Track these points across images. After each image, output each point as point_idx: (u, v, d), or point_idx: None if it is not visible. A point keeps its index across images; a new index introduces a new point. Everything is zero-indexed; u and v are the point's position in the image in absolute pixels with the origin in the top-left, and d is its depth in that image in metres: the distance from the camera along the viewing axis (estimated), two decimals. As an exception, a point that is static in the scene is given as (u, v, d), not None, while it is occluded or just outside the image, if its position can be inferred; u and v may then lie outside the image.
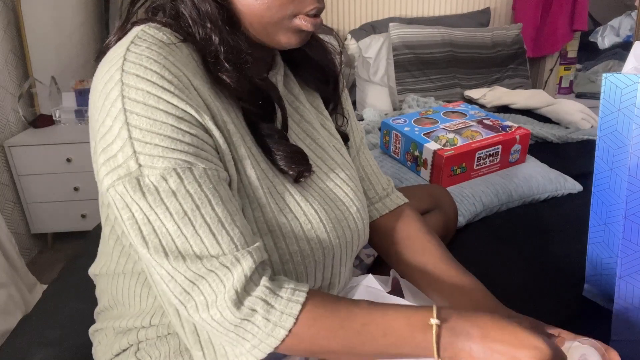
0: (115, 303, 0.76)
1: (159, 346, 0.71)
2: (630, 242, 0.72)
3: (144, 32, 0.59)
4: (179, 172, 0.55)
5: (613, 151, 0.73)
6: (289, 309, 0.58)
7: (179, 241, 0.56)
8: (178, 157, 0.55)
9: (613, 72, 0.71)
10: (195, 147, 0.57)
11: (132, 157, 0.55)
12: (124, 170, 0.55)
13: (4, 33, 2.16)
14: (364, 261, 1.02)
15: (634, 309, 0.76)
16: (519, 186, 1.46)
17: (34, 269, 1.96)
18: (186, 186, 0.55)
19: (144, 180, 0.55)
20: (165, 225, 0.55)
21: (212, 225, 0.56)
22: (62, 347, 0.96)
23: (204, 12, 0.61)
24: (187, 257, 0.56)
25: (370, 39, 2.62)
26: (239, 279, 0.56)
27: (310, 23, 0.65)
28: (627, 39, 2.90)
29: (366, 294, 0.76)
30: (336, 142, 0.82)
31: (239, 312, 0.57)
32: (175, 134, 0.55)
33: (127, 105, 0.54)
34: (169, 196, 0.55)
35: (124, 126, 0.54)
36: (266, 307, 0.57)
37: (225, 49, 0.61)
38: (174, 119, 0.55)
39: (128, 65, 0.55)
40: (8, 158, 2.14)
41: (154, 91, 0.55)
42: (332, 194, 0.73)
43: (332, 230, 0.69)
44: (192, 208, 0.56)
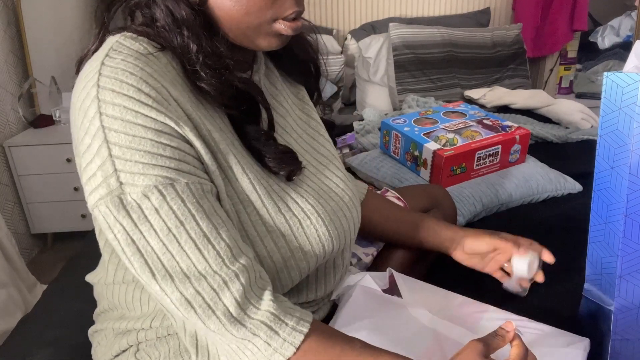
0: (114, 306, 0.76)
1: (159, 347, 0.71)
2: (631, 240, 0.72)
3: (119, 43, 0.58)
4: (160, 189, 0.54)
5: (614, 150, 0.73)
6: (291, 338, 0.58)
7: (165, 258, 0.55)
8: (159, 173, 0.54)
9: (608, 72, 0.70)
10: (177, 160, 0.56)
11: (112, 175, 0.54)
12: (105, 189, 0.54)
13: (4, 33, 2.16)
14: (362, 260, 1.02)
15: (635, 308, 0.75)
16: (519, 186, 1.46)
17: (34, 269, 1.95)
18: (169, 202, 0.54)
19: (127, 198, 0.54)
20: (149, 243, 0.55)
21: (197, 241, 0.55)
22: (62, 347, 0.96)
23: (180, 19, 0.60)
24: (174, 275, 0.55)
25: (370, 39, 2.62)
26: (231, 303, 0.56)
27: (291, 27, 0.64)
28: (627, 39, 2.90)
29: (363, 296, 0.76)
30: (323, 131, 0.82)
31: (239, 333, 0.57)
32: (156, 148, 0.54)
33: (105, 122, 0.53)
34: (152, 214, 0.54)
35: (103, 144, 0.53)
36: (270, 333, 0.57)
37: (203, 56, 0.59)
38: (153, 132, 0.54)
39: (103, 80, 0.54)
40: (8, 158, 2.14)
41: (131, 106, 0.54)
42: (325, 186, 0.74)
43: (330, 223, 0.69)
44: (176, 225, 0.55)
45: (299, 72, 0.82)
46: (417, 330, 0.73)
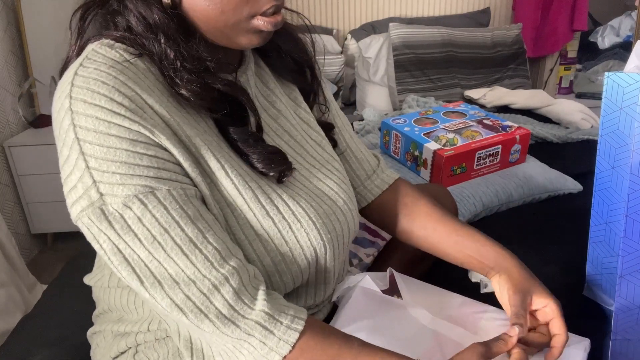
0: (112, 308, 0.76)
1: (157, 349, 0.70)
2: (632, 240, 0.72)
3: (94, 52, 0.57)
4: (141, 198, 0.54)
5: (615, 150, 0.73)
6: (287, 336, 0.58)
7: (152, 266, 0.54)
8: (138, 182, 0.54)
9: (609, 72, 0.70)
10: (156, 168, 0.55)
11: (92, 187, 0.53)
12: (86, 201, 0.54)
13: (4, 33, 2.16)
14: (363, 260, 1.02)
15: (635, 307, 0.75)
16: (519, 186, 1.46)
17: (34, 269, 1.95)
18: (151, 211, 0.54)
19: (108, 209, 0.53)
20: (135, 252, 0.54)
21: (183, 247, 0.55)
22: (62, 347, 0.96)
23: (154, 24, 0.58)
24: (163, 282, 0.55)
25: (370, 39, 2.62)
26: (222, 305, 0.56)
27: (270, 23, 0.62)
28: (627, 39, 2.90)
29: (363, 297, 0.76)
30: (316, 135, 0.79)
31: (234, 333, 0.57)
32: (132, 158, 0.54)
33: (79, 134, 0.53)
34: (135, 223, 0.54)
35: (79, 156, 0.53)
36: (264, 333, 0.57)
37: (182, 61, 0.58)
38: (128, 142, 0.53)
39: (75, 90, 0.54)
40: (8, 158, 2.14)
41: (103, 116, 0.53)
42: (317, 189, 0.72)
43: (322, 226, 0.68)
44: (160, 232, 0.54)
45: (290, 71, 0.80)
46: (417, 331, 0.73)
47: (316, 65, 0.83)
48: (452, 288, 0.88)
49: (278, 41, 0.75)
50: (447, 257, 0.83)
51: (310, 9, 2.73)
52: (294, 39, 0.78)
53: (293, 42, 0.78)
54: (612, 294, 0.85)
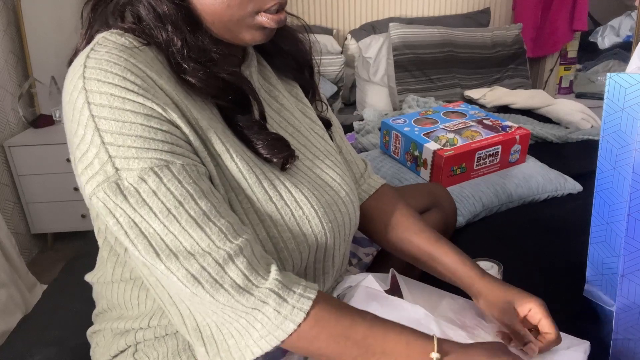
0: (112, 306, 0.76)
1: (157, 347, 0.70)
2: (634, 239, 0.72)
3: (104, 38, 0.59)
4: (156, 171, 0.55)
5: (616, 150, 0.73)
6: (300, 304, 0.58)
7: (168, 239, 0.55)
8: (153, 156, 0.55)
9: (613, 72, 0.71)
10: (170, 143, 0.56)
11: (108, 162, 0.54)
12: (102, 177, 0.55)
13: (4, 33, 2.16)
14: (362, 260, 1.02)
15: (637, 307, 0.75)
16: (519, 186, 1.46)
17: (34, 269, 1.95)
18: (166, 184, 0.55)
19: (123, 183, 0.54)
20: (151, 225, 0.55)
21: (197, 219, 0.56)
22: (62, 347, 0.96)
23: (162, 14, 0.60)
24: (179, 254, 0.56)
25: (370, 39, 2.62)
26: (237, 275, 0.57)
27: (273, 20, 0.64)
28: (627, 39, 2.90)
29: (365, 295, 0.76)
30: (318, 128, 0.82)
31: (248, 302, 0.57)
32: (147, 132, 0.55)
33: (94, 111, 0.54)
34: (150, 196, 0.55)
35: (95, 133, 0.54)
36: (278, 301, 0.58)
37: (188, 50, 0.60)
38: (142, 117, 0.55)
39: (89, 71, 0.55)
40: (8, 158, 2.14)
41: (117, 92, 0.54)
42: (320, 179, 0.73)
43: (324, 215, 0.69)
44: (175, 205, 0.55)
45: (291, 69, 0.82)
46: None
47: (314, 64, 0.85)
48: (452, 288, 0.88)
49: (279, 42, 0.77)
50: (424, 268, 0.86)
51: (310, 9, 2.73)
52: (295, 40, 0.81)
53: (294, 42, 0.81)
54: (612, 295, 0.85)
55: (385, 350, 0.60)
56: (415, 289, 0.83)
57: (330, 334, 0.59)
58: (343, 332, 0.60)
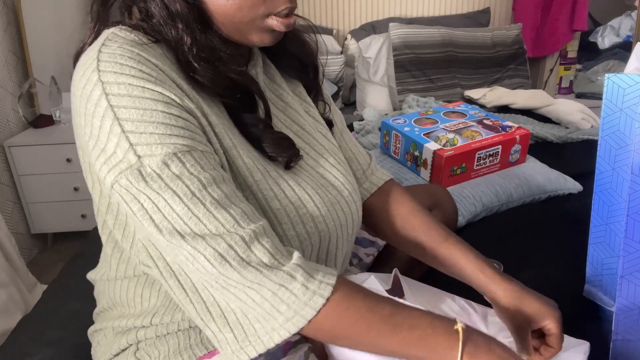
0: (114, 304, 0.76)
1: (158, 346, 0.70)
2: (633, 240, 0.72)
3: (114, 34, 0.59)
4: (179, 156, 0.55)
5: (615, 151, 0.73)
6: (327, 279, 0.59)
7: (192, 222, 0.56)
8: (176, 141, 0.55)
9: (613, 72, 0.71)
10: (190, 131, 0.57)
11: (130, 150, 0.55)
12: (125, 164, 0.55)
13: (4, 33, 2.16)
14: (363, 260, 1.02)
15: (636, 307, 0.76)
16: (519, 186, 1.46)
17: (34, 269, 1.95)
18: (189, 169, 0.56)
19: (146, 170, 0.55)
20: (175, 209, 0.55)
21: (221, 202, 0.57)
22: (62, 347, 0.96)
23: (175, 12, 0.61)
24: (205, 235, 0.56)
25: (370, 39, 2.62)
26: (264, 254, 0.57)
27: (283, 23, 0.65)
28: (627, 39, 2.90)
29: None
30: (322, 127, 0.82)
31: (277, 277, 0.57)
32: (168, 119, 0.56)
33: (112, 101, 0.54)
34: (173, 180, 0.55)
35: (114, 122, 0.54)
36: (306, 276, 0.58)
37: (197, 49, 0.61)
38: (162, 105, 0.56)
39: (103, 64, 0.55)
40: (8, 158, 2.14)
41: (135, 82, 0.55)
42: (323, 178, 0.74)
43: (327, 214, 0.69)
44: (199, 188, 0.56)
45: (296, 69, 0.83)
46: None
47: (319, 65, 0.86)
48: (454, 288, 0.88)
49: (285, 42, 0.77)
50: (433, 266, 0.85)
51: (310, 9, 2.73)
52: (300, 41, 0.81)
53: (299, 43, 0.81)
54: (612, 295, 0.85)
55: (413, 325, 0.60)
56: (417, 289, 0.83)
57: (359, 309, 0.60)
58: (371, 308, 0.60)
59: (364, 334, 0.60)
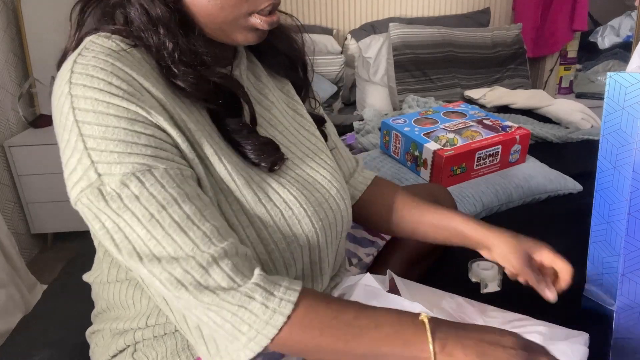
0: (111, 306, 0.76)
1: (156, 347, 0.70)
2: (634, 239, 0.72)
3: (92, 42, 0.58)
4: (138, 176, 0.54)
5: (616, 149, 0.73)
6: (287, 296, 0.58)
7: (151, 244, 0.55)
8: (135, 160, 0.54)
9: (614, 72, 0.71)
10: (153, 147, 0.56)
11: (90, 168, 0.54)
12: (85, 182, 0.55)
13: (4, 33, 2.16)
14: (363, 260, 1.02)
15: (637, 306, 0.75)
16: (519, 186, 1.46)
17: (34, 269, 1.95)
18: (148, 189, 0.55)
19: (106, 189, 0.54)
20: (135, 230, 0.55)
21: (181, 224, 0.56)
22: (62, 347, 0.96)
23: (155, 17, 0.60)
24: (162, 259, 0.55)
25: (370, 39, 2.62)
26: (222, 278, 0.56)
27: (266, 22, 0.64)
28: (627, 39, 2.90)
29: (364, 293, 0.76)
30: (309, 125, 0.81)
31: (234, 298, 0.56)
32: (130, 137, 0.55)
33: (78, 116, 0.54)
34: (132, 201, 0.54)
35: (78, 138, 0.54)
36: (265, 295, 0.57)
37: (179, 53, 0.60)
38: (126, 121, 0.55)
39: (75, 77, 0.55)
40: (8, 158, 2.14)
41: (102, 97, 0.54)
42: (310, 178, 0.73)
43: (314, 214, 0.69)
44: (158, 209, 0.55)
45: (284, 67, 0.82)
46: None
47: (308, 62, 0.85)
48: (452, 288, 0.88)
49: (272, 40, 0.77)
50: (429, 238, 0.88)
51: (310, 9, 2.73)
52: (287, 38, 0.81)
53: (286, 40, 0.81)
54: (612, 294, 0.85)
55: (379, 323, 0.59)
56: (414, 289, 0.83)
57: (322, 320, 0.59)
58: (334, 316, 0.59)
59: (333, 342, 0.59)
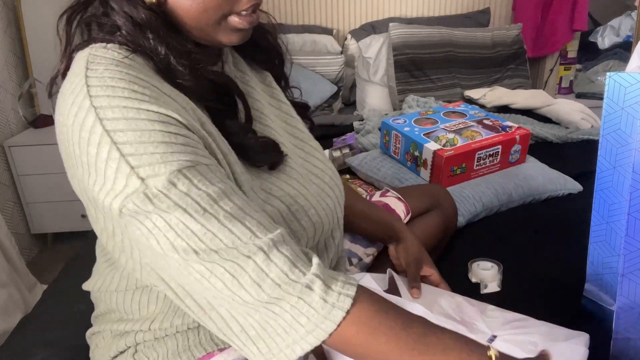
0: (112, 310, 0.76)
1: (157, 348, 0.70)
2: (634, 239, 0.72)
3: (93, 55, 0.58)
4: (184, 173, 0.54)
5: (616, 149, 0.73)
6: (346, 290, 0.57)
7: (207, 238, 0.54)
8: (179, 158, 0.54)
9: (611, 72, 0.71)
10: (191, 147, 0.56)
11: (132, 174, 0.53)
12: (129, 189, 0.53)
13: (4, 33, 2.16)
14: (363, 260, 1.02)
15: (637, 306, 0.75)
16: (519, 186, 1.46)
17: (34, 269, 1.95)
18: (197, 184, 0.54)
19: (152, 191, 0.53)
20: (188, 226, 0.54)
21: (235, 214, 0.56)
22: (62, 347, 0.96)
23: (141, 22, 0.60)
24: (219, 250, 0.55)
25: (370, 39, 2.62)
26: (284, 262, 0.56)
27: (246, 21, 0.64)
28: (627, 39, 2.90)
29: None
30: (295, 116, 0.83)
31: (294, 289, 0.56)
32: (167, 137, 0.54)
33: (108, 126, 0.53)
34: (182, 197, 0.54)
35: (112, 147, 0.53)
36: (324, 287, 0.56)
37: (174, 54, 0.60)
38: (159, 124, 0.54)
39: (94, 90, 0.54)
40: (8, 158, 2.14)
41: (130, 104, 0.53)
42: (304, 170, 0.74)
43: (317, 204, 0.69)
44: (210, 203, 0.55)
45: (264, 59, 0.83)
46: None
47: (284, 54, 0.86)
48: (452, 288, 0.88)
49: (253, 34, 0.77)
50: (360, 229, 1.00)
51: (310, 9, 2.73)
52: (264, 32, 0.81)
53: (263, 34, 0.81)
54: (612, 294, 0.85)
55: (447, 347, 0.57)
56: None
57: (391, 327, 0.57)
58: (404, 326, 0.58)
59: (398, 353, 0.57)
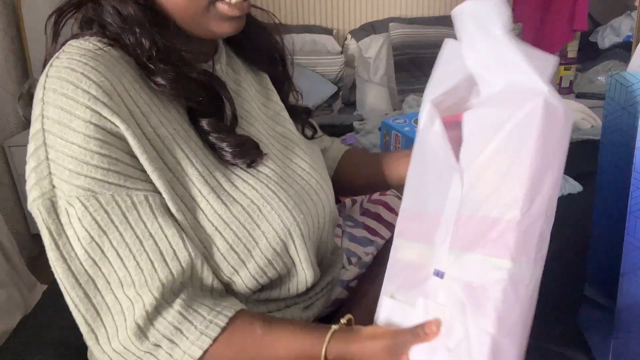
0: None
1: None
2: (634, 238, 0.72)
3: (69, 45, 0.59)
4: (82, 201, 0.55)
5: (617, 149, 0.73)
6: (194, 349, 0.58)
7: (87, 265, 0.56)
8: (82, 184, 0.55)
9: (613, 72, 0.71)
10: (104, 169, 0.56)
11: (47, 178, 0.55)
12: (38, 191, 0.56)
13: (4, 33, 2.16)
14: (362, 259, 1.01)
15: (637, 305, 0.75)
16: (519, 186, 1.45)
17: (34, 269, 1.95)
18: (92, 213, 0.55)
19: (57, 202, 0.56)
20: (73, 249, 0.56)
21: (119, 251, 0.56)
22: (62, 347, 0.96)
23: (128, 16, 0.60)
24: (96, 280, 0.57)
25: (370, 39, 2.62)
26: (140, 314, 0.56)
27: (234, 7, 0.63)
28: (627, 39, 2.90)
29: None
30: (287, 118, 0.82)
31: (142, 345, 0.57)
32: (83, 155, 0.55)
33: (45, 125, 0.55)
34: (75, 221, 0.55)
35: (41, 146, 0.55)
36: (170, 345, 0.57)
37: (156, 51, 0.60)
38: (82, 138, 0.54)
39: (49, 81, 0.56)
40: (8, 158, 2.14)
41: (68, 107, 0.54)
42: (289, 169, 0.72)
43: (295, 207, 0.68)
44: (99, 234, 0.56)
45: (263, 61, 0.83)
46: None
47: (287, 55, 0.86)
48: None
49: (252, 36, 0.79)
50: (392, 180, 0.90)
51: (310, 9, 2.74)
52: (265, 33, 0.81)
53: (263, 35, 0.81)
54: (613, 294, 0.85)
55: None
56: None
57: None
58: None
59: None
